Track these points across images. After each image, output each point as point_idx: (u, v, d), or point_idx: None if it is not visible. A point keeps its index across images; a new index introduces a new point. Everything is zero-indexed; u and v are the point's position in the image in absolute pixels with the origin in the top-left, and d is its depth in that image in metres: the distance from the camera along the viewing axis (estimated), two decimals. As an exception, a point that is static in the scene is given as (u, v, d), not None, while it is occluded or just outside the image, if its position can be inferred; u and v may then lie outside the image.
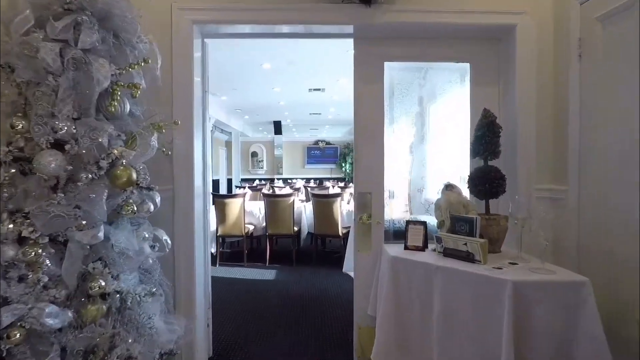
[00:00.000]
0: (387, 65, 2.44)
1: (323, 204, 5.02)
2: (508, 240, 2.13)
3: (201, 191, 2.40)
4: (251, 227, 5.47)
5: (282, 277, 4.71)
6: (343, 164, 14.14)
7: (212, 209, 5.29)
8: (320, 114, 11.95)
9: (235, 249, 5.90)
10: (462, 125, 2.49)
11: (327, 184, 9.43)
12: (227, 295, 4.04)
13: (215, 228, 5.23)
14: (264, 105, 10.39)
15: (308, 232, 5.53)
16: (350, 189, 6.40)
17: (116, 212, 1.67)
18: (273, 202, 5.17)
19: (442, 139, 2.57)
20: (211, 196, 5.20)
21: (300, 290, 4.20)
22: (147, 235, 1.83)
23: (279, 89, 8.40)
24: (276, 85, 8.11)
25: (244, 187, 6.44)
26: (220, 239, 5.34)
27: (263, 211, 5.35)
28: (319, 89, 8.48)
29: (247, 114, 12.23)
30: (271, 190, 7.37)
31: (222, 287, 4.29)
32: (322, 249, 5.81)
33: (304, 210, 5.53)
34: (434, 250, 2.15)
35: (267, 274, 4.80)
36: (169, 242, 1.93)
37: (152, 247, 1.93)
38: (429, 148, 2.58)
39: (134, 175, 1.60)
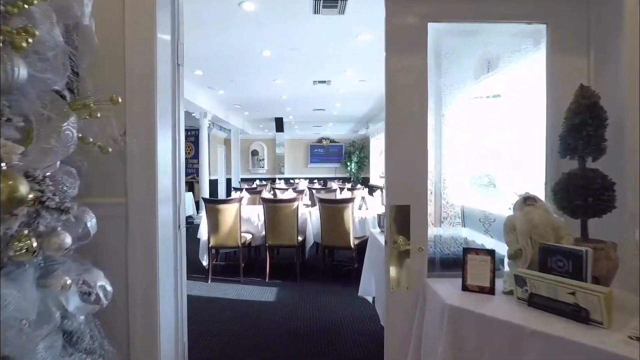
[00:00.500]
0: (432, 27, 1.73)
1: (332, 210, 4.33)
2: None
3: (170, 196, 1.70)
4: (249, 237, 4.78)
5: (285, 296, 4.02)
6: (348, 163, 13.43)
7: (203, 216, 4.62)
8: (324, 109, 11.26)
9: (231, 260, 5.24)
10: (532, 109, 1.79)
11: (333, 185, 8.73)
12: (217, 322, 3.37)
13: (207, 238, 4.55)
14: (265, 99, 9.70)
15: (314, 242, 4.84)
16: (362, 192, 5.70)
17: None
18: (274, 209, 4.48)
19: (505, 129, 1.88)
20: (202, 202, 4.52)
21: (307, 316, 3.52)
22: (68, 283, 1.15)
23: (280, 81, 7.71)
24: (278, 77, 7.42)
25: (242, 190, 5.75)
26: (213, 250, 4.66)
27: (262, 218, 4.66)
28: (324, 82, 7.78)
29: (246, 110, 11.54)
30: (272, 193, 6.69)
31: (212, 312, 3.61)
32: (330, 261, 5.11)
33: (309, 216, 4.84)
34: (508, 292, 1.47)
35: (267, 293, 4.12)
36: (108, 288, 1.25)
37: (87, 294, 1.25)
38: (487, 141, 1.88)
39: (23, 189, 0.91)
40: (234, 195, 5.51)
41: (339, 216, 4.25)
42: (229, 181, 13.88)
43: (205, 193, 9.86)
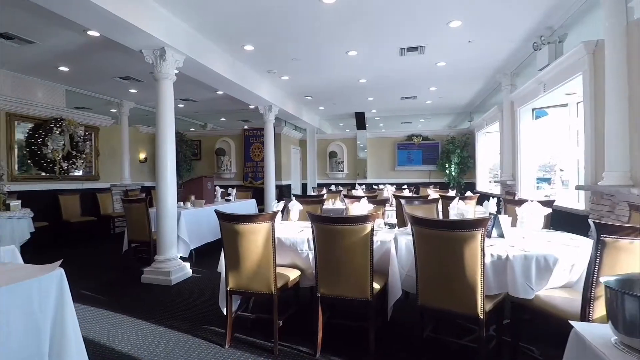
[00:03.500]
0: None
1: (440, 242, 2.21)
2: None
3: None
4: (293, 275, 2.93)
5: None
6: (447, 165, 10.81)
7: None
8: (415, 97, 9.02)
9: (265, 310, 3.40)
10: None
11: (430, 192, 6.44)
12: None
13: (224, 276, 2.82)
14: (340, 86, 7.87)
15: (403, 292, 2.76)
16: (480, 205, 3.43)
17: None
18: (330, 233, 2.54)
19: None
20: (217, 218, 2.79)
21: None
22: None
23: (355, 53, 5.77)
24: (351, 46, 5.50)
25: (291, 199, 3.91)
26: (238, 297, 2.90)
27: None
28: (415, 48, 5.63)
29: (320, 103, 9.87)
30: (342, 202, 4.77)
31: None
32: (433, 332, 2.89)
33: (395, 245, 2.79)
34: None
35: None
36: None
37: None
38: None
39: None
40: (274, 206, 3.66)
41: (454, 254, 2.13)
42: (304, 187, 12.40)
43: (271, 200, 8.37)
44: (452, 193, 6.12)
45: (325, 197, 5.20)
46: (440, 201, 4.44)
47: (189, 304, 3.75)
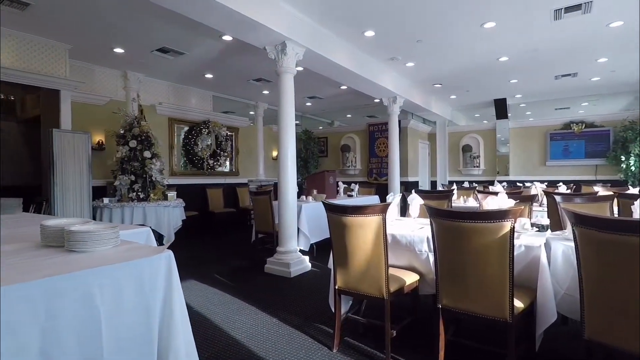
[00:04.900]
0: None
1: (626, 251, 1.50)
2: None
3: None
4: (411, 279, 2.52)
5: None
6: (622, 158, 8.48)
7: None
8: (575, 74, 7.32)
9: (377, 315, 3.03)
10: None
11: (595, 189, 5.05)
12: None
13: (332, 273, 2.60)
14: (474, 68, 6.90)
15: (559, 316, 2.06)
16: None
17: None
18: (453, 231, 2.04)
19: None
20: (325, 208, 2.59)
21: None
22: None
23: (492, 24, 4.90)
24: (487, 15, 4.66)
25: (411, 192, 3.46)
26: (342, 296, 2.64)
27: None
28: (576, 7, 4.45)
29: (452, 91, 8.91)
30: (476, 199, 4.04)
31: None
32: None
33: (547, 252, 2.10)
34: None
35: None
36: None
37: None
38: None
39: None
40: (389, 198, 3.23)
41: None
42: (433, 184, 11.50)
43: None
44: (634, 191, 4.64)
45: (454, 192, 4.53)
46: (615, 200, 3.35)
47: (304, 298, 3.68)
